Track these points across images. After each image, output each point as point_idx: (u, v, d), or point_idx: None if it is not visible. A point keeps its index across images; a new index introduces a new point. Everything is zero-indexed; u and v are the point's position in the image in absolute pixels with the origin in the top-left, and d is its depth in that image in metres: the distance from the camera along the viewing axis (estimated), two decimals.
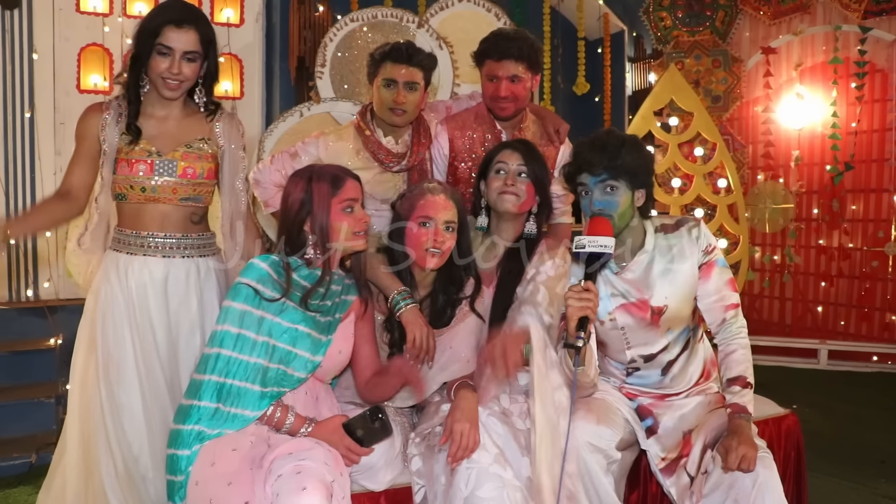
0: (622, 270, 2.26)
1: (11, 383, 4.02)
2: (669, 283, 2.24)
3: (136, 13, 4.87)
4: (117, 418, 2.19)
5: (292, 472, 1.73)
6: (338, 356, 2.08)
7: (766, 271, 6.35)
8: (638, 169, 2.17)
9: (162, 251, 2.26)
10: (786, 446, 2.54)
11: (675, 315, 2.27)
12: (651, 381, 2.35)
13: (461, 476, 1.90)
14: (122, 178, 2.22)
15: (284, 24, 5.54)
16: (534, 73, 2.74)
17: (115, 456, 2.18)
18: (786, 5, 5.89)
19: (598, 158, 2.15)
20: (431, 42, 3.90)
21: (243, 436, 1.86)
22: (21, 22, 4.57)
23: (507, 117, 2.77)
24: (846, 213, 5.96)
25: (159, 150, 2.22)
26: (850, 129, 5.76)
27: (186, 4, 2.23)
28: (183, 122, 2.29)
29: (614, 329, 2.29)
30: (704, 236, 2.27)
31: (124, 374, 2.21)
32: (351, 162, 2.70)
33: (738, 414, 2.09)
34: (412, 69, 2.65)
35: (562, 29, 7.25)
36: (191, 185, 2.27)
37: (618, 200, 2.16)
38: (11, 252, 4.55)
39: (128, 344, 2.22)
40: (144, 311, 2.24)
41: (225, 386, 1.86)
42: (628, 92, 7.36)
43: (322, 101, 3.78)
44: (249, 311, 1.91)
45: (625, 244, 2.25)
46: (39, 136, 4.60)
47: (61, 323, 4.32)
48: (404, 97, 2.65)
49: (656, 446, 2.25)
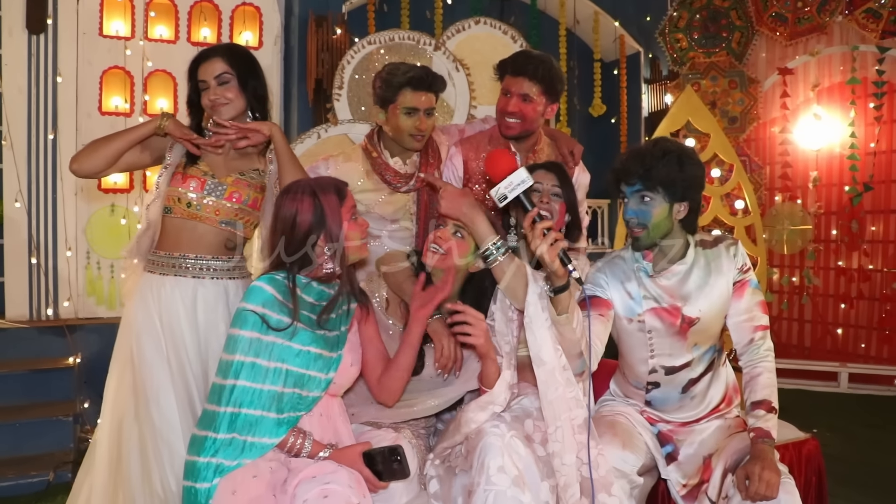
0: (657, 275, 2.26)
1: (30, 401, 4.06)
2: (705, 296, 2.24)
3: (157, 37, 4.97)
4: (154, 438, 2.21)
5: (319, 495, 1.73)
6: (350, 369, 2.07)
7: (785, 293, 6.29)
8: (676, 181, 2.14)
9: (192, 272, 2.32)
10: (806, 471, 2.50)
11: (705, 329, 2.26)
12: (670, 401, 2.32)
13: (479, 498, 1.88)
14: (172, 191, 2.32)
15: (302, 46, 5.61)
16: (549, 98, 2.71)
17: (153, 477, 2.19)
18: (802, 26, 5.89)
19: (633, 168, 2.16)
20: (448, 64, 3.92)
21: (263, 461, 1.86)
22: (46, 46, 4.67)
23: (512, 137, 2.76)
24: (866, 234, 5.91)
25: (214, 174, 2.35)
26: (869, 149, 5.74)
27: (214, 45, 2.52)
28: (242, 152, 2.43)
29: (640, 331, 2.28)
30: (741, 255, 2.27)
31: (162, 395, 2.24)
32: (361, 182, 2.74)
33: (762, 438, 2.06)
34: (431, 95, 2.68)
35: (578, 51, 7.30)
36: (234, 210, 2.35)
37: (651, 211, 2.16)
38: (32, 271, 4.61)
39: (164, 364, 2.26)
40: (178, 331, 2.28)
41: (240, 416, 1.83)
42: (644, 113, 7.37)
43: (339, 123, 3.81)
44: (258, 337, 1.87)
45: (664, 253, 2.25)
46: (62, 157, 4.68)
47: (80, 342, 4.38)
48: (426, 124, 2.67)
49: (677, 473, 2.23)
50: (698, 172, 2.19)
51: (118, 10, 4.88)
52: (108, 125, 4.79)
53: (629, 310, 2.27)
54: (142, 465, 2.20)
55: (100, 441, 2.32)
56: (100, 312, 4.75)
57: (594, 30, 6.89)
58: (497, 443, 1.92)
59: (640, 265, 2.28)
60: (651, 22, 6.93)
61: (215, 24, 5.13)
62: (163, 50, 4.96)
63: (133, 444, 2.22)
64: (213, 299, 2.33)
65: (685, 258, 2.26)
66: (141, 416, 2.23)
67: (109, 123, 4.81)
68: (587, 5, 6.91)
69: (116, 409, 2.29)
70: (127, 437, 2.23)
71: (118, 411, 2.28)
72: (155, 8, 4.97)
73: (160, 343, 2.27)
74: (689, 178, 2.16)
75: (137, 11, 4.91)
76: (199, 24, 5.07)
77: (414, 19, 5.97)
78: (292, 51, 5.66)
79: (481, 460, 1.91)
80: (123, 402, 2.27)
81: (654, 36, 6.47)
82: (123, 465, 2.23)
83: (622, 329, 2.31)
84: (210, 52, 2.34)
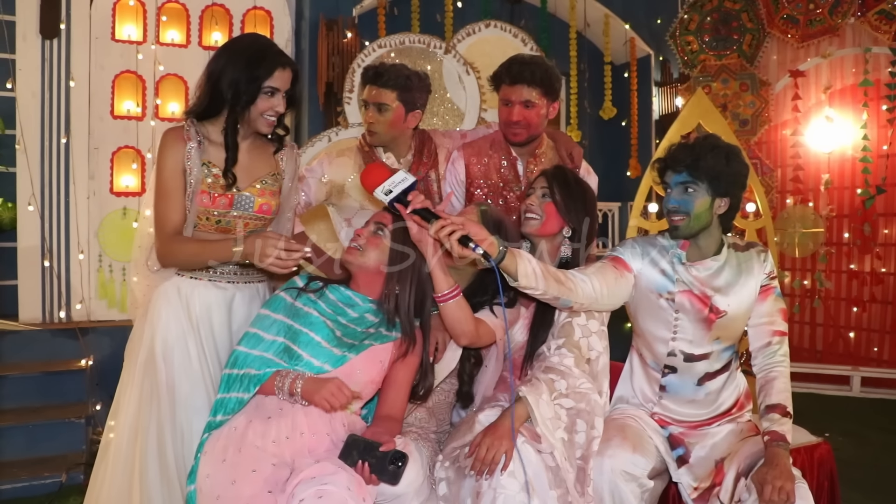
0: (690, 265, 2.27)
1: (43, 403, 4.09)
2: (735, 293, 2.25)
3: (168, 41, 5.00)
4: (175, 441, 2.18)
5: (314, 496, 1.73)
6: (357, 374, 2.08)
7: (797, 296, 6.26)
8: (721, 175, 2.17)
9: (227, 277, 2.28)
10: (819, 476, 2.49)
11: (730, 325, 2.26)
12: (684, 391, 2.31)
13: (487, 501, 1.89)
14: (200, 210, 2.22)
15: (313, 50, 5.63)
16: (549, 99, 2.71)
17: (172, 479, 2.16)
18: (814, 28, 5.86)
19: (682, 156, 2.19)
20: (459, 68, 3.93)
21: (262, 454, 1.88)
22: (59, 51, 4.70)
23: (520, 143, 2.76)
24: (878, 237, 5.87)
25: (238, 185, 2.25)
26: (882, 151, 5.70)
27: (277, 46, 2.27)
28: (253, 155, 2.31)
29: (669, 308, 2.28)
30: (770, 263, 2.31)
31: (193, 396, 2.20)
32: (353, 178, 2.81)
33: (776, 442, 2.05)
34: (381, 90, 2.71)
35: (588, 54, 7.29)
36: (262, 220, 2.31)
37: (694, 202, 2.18)
38: (45, 274, 4.64)
39: (196, 364, 2.22)
40: (208, 330, 2.24)
41: (239, 358, 2.05)
42: (655, 116, 7.35)
43: (350, 126, 3.82)
44: (285, 299, 2.14)
45: (698, 246, 2.27)
46: (74, 160, 4.71)
47: (92, 344, 4.40)
48: (373, 117, 2.73)
49: (688, 476, 2.22)
50: (743, 171, 2.23)
51: (130, 15, 4.92)
52: (120, 129, 4.85)
53: (661, 286, 2.28)
54: (160, 468, 2.19)
55: (116, 443, 2.29)
56: (112, 315, 4.77)
57: (605, 33, 6.88)
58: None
59: (675, 251, 2.29)
60: (662, 25, 6.92)
61: (226, 28, 5.16)
62: (174, 54, 4.99)
63: (152, 447, 2.19)
64: (248, 300, 2.32)
65: (718, 255, 2.28)
66: (164, 420, 2.19)
67: (122, 127, 4.85)
68: (598, 8, 6.91)
69: (131, 410, 2.26)
70: (145, 442, 2.20)
71: (135, 413, 2.24)
72: (167, 12, 5.00)
73: (191, 346, 2.23)
74: (735, 174, 2.20)
75: (149, 16, 4.94)
76: (211, 28, 5.09)
77: (424, 22, 5.98)
78: (303, 54, 5.68)
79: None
80: (144, 405, 2.23)
81: (664, 39, 6.46)
82: (141, 467, 2.22)
83: (649, 303, 2.30)
84: (288, 60, 2.21)
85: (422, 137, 2.93)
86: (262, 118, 2.20)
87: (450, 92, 3.96)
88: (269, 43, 2.27)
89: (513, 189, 2.81)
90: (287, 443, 1.93)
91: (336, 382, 1.92)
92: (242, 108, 2.17)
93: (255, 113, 2.18)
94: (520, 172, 2.81)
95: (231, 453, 1.89)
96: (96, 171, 4.80)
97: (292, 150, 2.42)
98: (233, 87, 2.14)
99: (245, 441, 1.91)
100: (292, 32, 5.48)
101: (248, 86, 2.14)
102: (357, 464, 1.85)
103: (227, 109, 2.17)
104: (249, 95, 2.15)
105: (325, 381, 1.95)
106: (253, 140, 2.32)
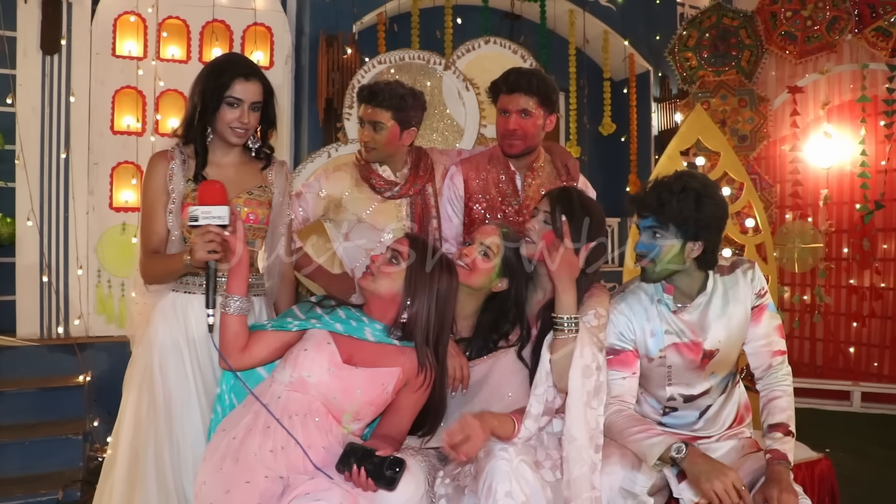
0: (680, 310, 2.24)
1: (40, 419, 4.07)
2: (724, 326, 2.23)
3: (169, 57, 5.01)
4: (175, 458, 2.19)
5: None
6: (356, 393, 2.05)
7: (796, 311, 6.25)
8: (689, 220, 2.07)
9: (219, 291, 2.25)
10: (819, 492, 2.48)
11: (724, 359, 2.26)
12: (687, 421, 2.33)
13: None
14: (185, 223, 2.22)
15: (313, 66, 5.64)
16: (547, 110, 2.70)
17: (171, 497, 2.17)
18: (812, 44, 5.89)
19: (648, 200, 2.12)
20: (458, 84, 3.95)
21: (257, 466, 1.87)
22: (60, 66, 4.72)
23: (515, 155, 2.75)
24: (877, 252, 5.87)
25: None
26: (880, 167, 5.72)
27: (248, 59, 2.37)
28: (241, 169, 2.37)
29: (661, 366, 2.27)
30: (759, 279, 2.25)
31: (188, 412, 2.22)
32: (350, 192, 2.85)
33: (778, 461, 2.05)
34: (376, 109, 2.74)
35: (587, 70, 7.32)
36: (251, 230, 2.33)
37: (661, 247, 2.12)
38: (43, 290, 4.63)
39: (191, 380, 2.24)
40: (204, 347, 2.25)
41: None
42: (654, 132, 7.38)
43: (349, 142, 3.83)
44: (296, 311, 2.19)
45: (680, 289, 2.23)
46: (74, 176, 4.72)
47: (90, 360, 4.39)
48: (369, 136, 2.77)
49: (689, 492, 2.20)
50: (717, 213, 2.10)
51: (131, 31, 4.93)
52: (120, 144, 4.84)
53: (651, 350, 2.25)
54: (157, 485, 2.18)
55: (117, 460, 2.28)
56: (110, 331, 4.75)
57: (604, 49, 6.91)
58: (505, 467, 1.91)
59: (661, 298, 2.25)
60: (661, 41, 6.95)
61: (227, 44, 5.18)
62: (175, 70, 4.99)
63: (150, 463, 2.19)
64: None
65: (705, 289, 2.23)
66: (162, 435, 2.19)
67: (121, 142, 4.85)
68: (597, 24, 6.94)
69: (132, 427, 2.26)
70: (144, 457, 2.20)
71: (136, 430, 2.25)
72: (167, 28, 5.02)
73: (186, 362, 2.24)
74: (706, 217, 2.08)
75: (150, 32, 4.96)
76: (211, 43, 5.11)
77: (424, 39, 6.00)
78: (303, 70, 5.70)
79: (489, 484, 1.90)
80: (143, 421, 2.24)
81: (663, 55, 6.48)
82: (140, 485, 2.21)
83: (643, 366, 2.27)
84: (252, 73, 2.26)
85: (418, 153, 2.97)
86: (230, 129, 2.27)
87: (449, 108, 3.97)
88: (240, 57, 2.38)
89: (511, 203, 2.81)
90: (283, 453, 1.91)
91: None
92: (210, 116, 2.24)
93: (221, 123, 2.26)
94: (518, 186, 2.81)
95: (228, 463, 1.90)
96: (96, 186, 4.80)
97: (282, 167, 2.47)
98: (201, 96, 2.23)
99: (242, 451, 1.91)
100: (292, 48, 5.51)
101: (212, 94, 2.23)
102: (354, 469, 1.84)
103: (197, 116, 2.25)
104: (214, 103, 2.23)
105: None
106: (241, 157, 2.39)
